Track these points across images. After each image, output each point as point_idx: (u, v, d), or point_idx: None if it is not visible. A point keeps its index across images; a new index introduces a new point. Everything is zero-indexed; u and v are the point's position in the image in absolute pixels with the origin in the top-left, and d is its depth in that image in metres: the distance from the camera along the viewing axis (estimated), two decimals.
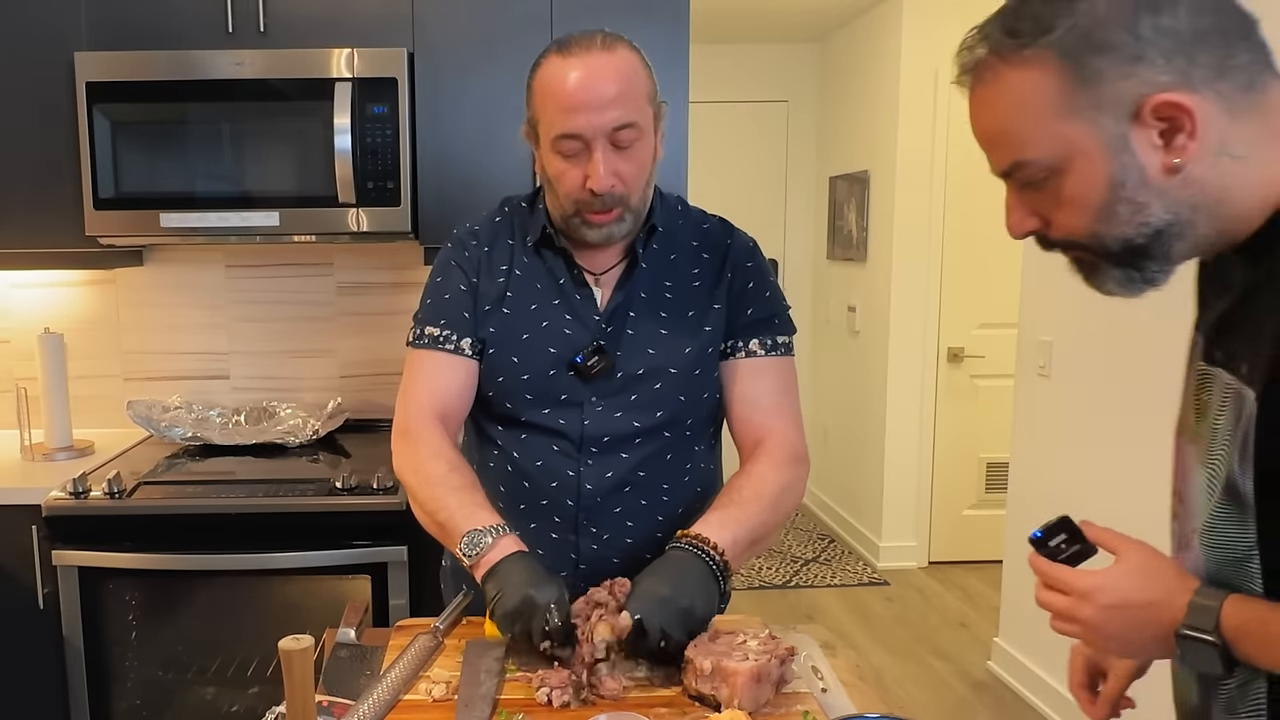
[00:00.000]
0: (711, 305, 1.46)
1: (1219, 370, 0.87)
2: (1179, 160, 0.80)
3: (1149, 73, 0.79)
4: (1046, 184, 0.86)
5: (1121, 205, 0.83)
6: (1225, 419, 0.85)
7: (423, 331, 1.46)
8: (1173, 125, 0.80)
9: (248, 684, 2.26)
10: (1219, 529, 0.87)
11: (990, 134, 0.88)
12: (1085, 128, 0.82)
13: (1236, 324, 0.86)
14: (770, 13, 4.71)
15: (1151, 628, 0.87)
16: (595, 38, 1.33)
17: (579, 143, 1.32)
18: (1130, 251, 0.85)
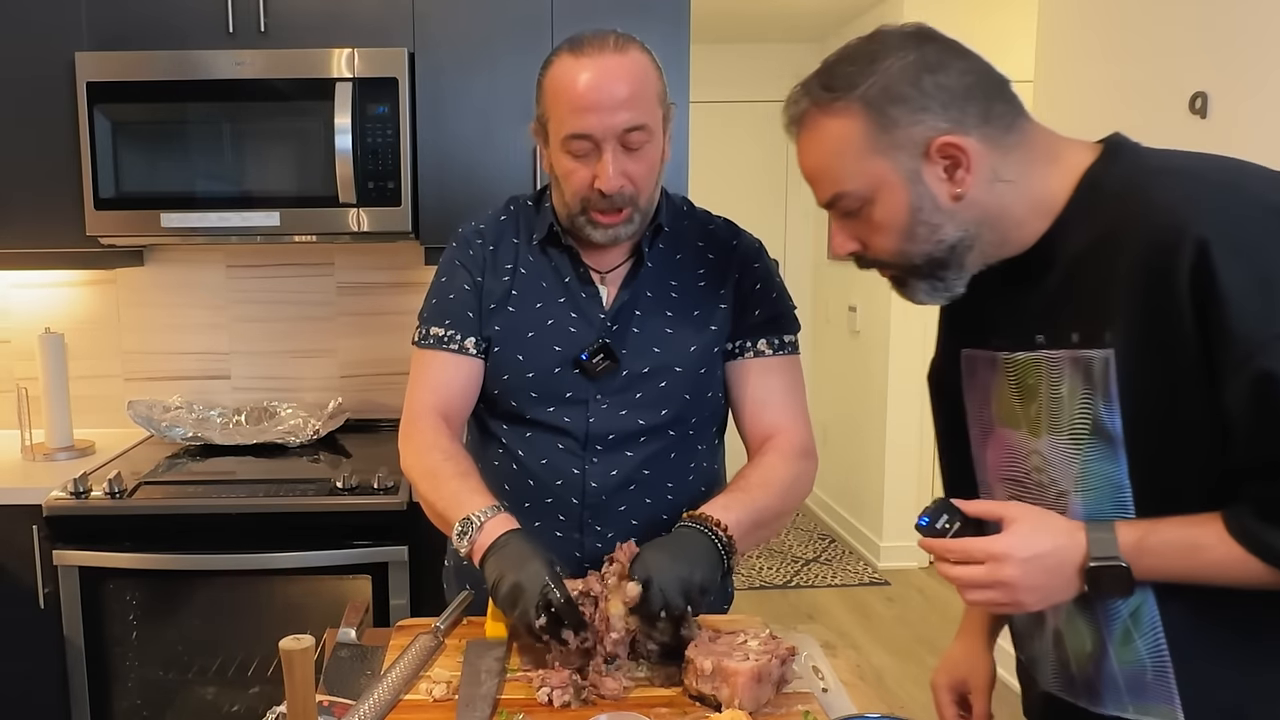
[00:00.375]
0: (718, 305, 1.47)
1: (1040, 353, 1.03)
2: (960, 190, 1.00)
3: (932, 120, 0.98)
4: (861, 212, 1.04)
5: (921, 227, 1.02)
6: (1066, 383, 1.00)
7: (427, 331, 1.46)
8: (954, 161, 0.99)
9: (248, 684, 2.26)
10: (1092, 472, 1.00)
11: (814, 172, 1.07)
12: (888, 164, 1.00)
13: (1058, 306, 1.01)
14: (770, 13, 4.70)
15: (1063, 570, 0.97)
16: (608, 38, 1.33)
17: (589, 143, 1.32)
18: (932, 264, 1.04)
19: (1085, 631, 1.05)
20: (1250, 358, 0.88)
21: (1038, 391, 1.04)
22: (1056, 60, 3.07)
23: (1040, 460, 1.06)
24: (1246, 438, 0.91)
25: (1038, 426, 1.05)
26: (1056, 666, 1.11)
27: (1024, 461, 1.08)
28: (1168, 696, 1.00)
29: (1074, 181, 1.02)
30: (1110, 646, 1.03)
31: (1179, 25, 2.47)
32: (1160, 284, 0.91)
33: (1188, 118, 2.40)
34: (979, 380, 1.14)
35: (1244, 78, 2.26)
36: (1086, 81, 2.89)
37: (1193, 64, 2.40)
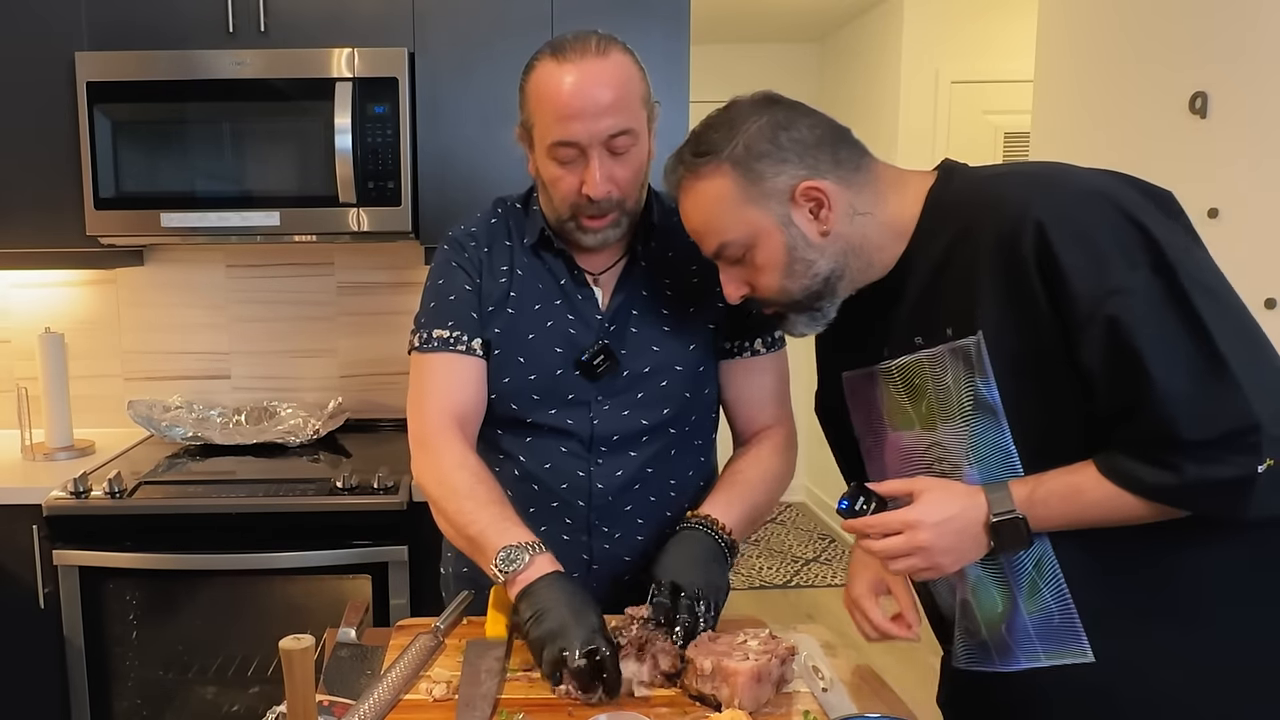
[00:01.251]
0: (714, 303, 1.46)
1: (920, 353, 1.15)
2: (826, 227, 1.14)
3: (792, 169, 1.13)
4: (745, 258, 1.17)
5: (798, 264, 1.15)
6: (950, 373, 1.12)
7: (430, 334, 1.43)
8: (817, 203, 1.13)
9: (248, 684, 2.26)
10: (982, 443, 1.12)
11: (698, 228, 1.20)
12: (760, 212, 1.14)
13: (929, 308, 1.14)
14: (770, 13, 4.70)
15: (970, 529, 1.08)
16: (590, 41, 1.32)
17: (575, 150, 1.32)
18: (810, 297, 1.17)
19: (995, 592, 1.15)
20: (1094, 313, 1.01)
21: (925, 389, 1.16)
22: (1056, 60, 3.07)
23: (940, 450, 1.17)
24: (1105, 384, 1.03)
25: (932, 420, 1.16)
26: (965, 639, 1.20)
27: (924, 456, 1.19)
28: (1075, 637, 1.11)
29: (919, 203, 1.16)
30: (1020, 599, 1.13)
31: (1179, 25, 2.47)
32: (1011, 265, 1.05)
33: (1188, 118, 2.41)
34: (862, 398, 1.26)
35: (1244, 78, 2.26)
36: (1086, 81, 2.89)
37: (1193, 64, 2.41)
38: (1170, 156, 2.45)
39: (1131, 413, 1.02)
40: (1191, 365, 0.99)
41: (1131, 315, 1.00)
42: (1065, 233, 1.03)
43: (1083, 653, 1.11)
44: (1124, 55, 2.70)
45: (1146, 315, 1.00)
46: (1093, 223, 1.03)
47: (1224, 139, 2.32)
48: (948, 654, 1.27)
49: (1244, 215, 2.21)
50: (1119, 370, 1.01)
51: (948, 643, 1.27)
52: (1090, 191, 1.06)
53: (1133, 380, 1.00)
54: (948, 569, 1.11)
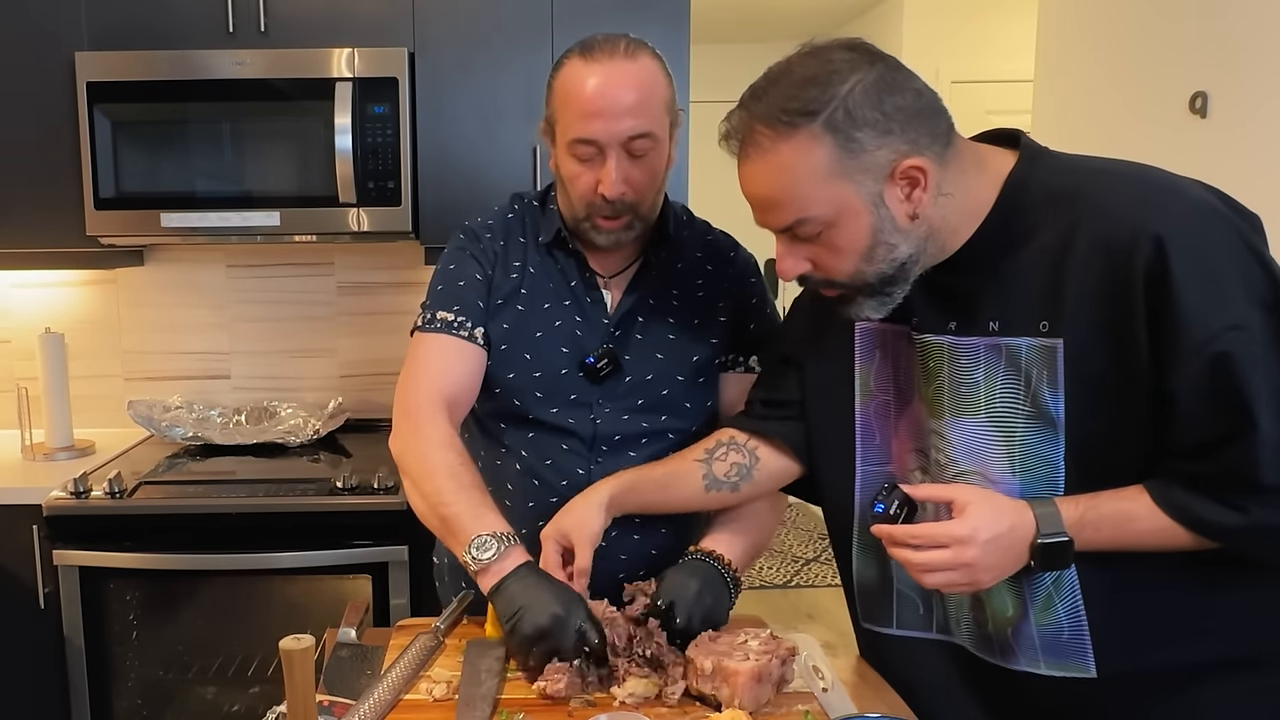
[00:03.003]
0: (718, 318, 1.48)
1: (949, 338, 1.09)
2: (917, 209, 1.03)
3: (895, 143, 1.00)
4: (820, 236, 1.05)
5: (880, 248, 1.04)
6: (983, 369, 1.07)
7: (434, 316, 1.43)
8: (912, 182, 1.02)
9: (248, 684, 2.27)
10: (1030, 454, 1.06)
11: (769, 197, 1.05)
12: (852, 189, 1.01)
13: (976, 296, 1.07)
14: (770, 13, 4.71)
15: (1015, 548, 1.03)
16: (619, 43, 1.32)
17: (594, 148, 1.32)
18: (883, 281, 1.07)
19: (1009, 599, 1.11)
20: (1204, 345, 0.94)
21: (939, 374, 1.11)
22: (1056, 60, 3.07)
23: (939, 440, 1.13)
24: (1195, 418, 0.97)
25: (937, 408, 1.12)
26: (973, 627, 1.17)
27: (925, 438, 1.15)
28: (1082, 653, 1.08)
29: (996, 186, 1.07)
30: (1031, 612, 1.10)
31: (1179, 25, 2.47)
32: (1115, 276, 0.98)
33: (1188, 118, 2.41)
34: (895, 353, 1.18)
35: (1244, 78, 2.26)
36: (1086, 81, 2.89)
37: (1193, 64, 2.41)
38: (1170, 156, 2.44)
39: (1212, 449, 0.98)
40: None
41: (1245, 354, 0.94)
42: (1187, 254, 0.95)
43: (1085, 668, 1.09)
44: (1124, 55, 2.70)
45: (1259, 356, 0.95)
46: (1215, 246, 0.97)
47: (1224, 139, 2.32)
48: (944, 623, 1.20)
49: None
50: (1217, 407, 0.96)
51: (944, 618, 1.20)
52: (1209, 211, 0.99)
53: (1229, 419, 0.96)
54: (984, 586, 1.05)
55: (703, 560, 1.32)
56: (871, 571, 1.25)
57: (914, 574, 1.05)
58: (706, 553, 1.33)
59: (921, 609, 1.22)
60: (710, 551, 1.33)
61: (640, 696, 1.17)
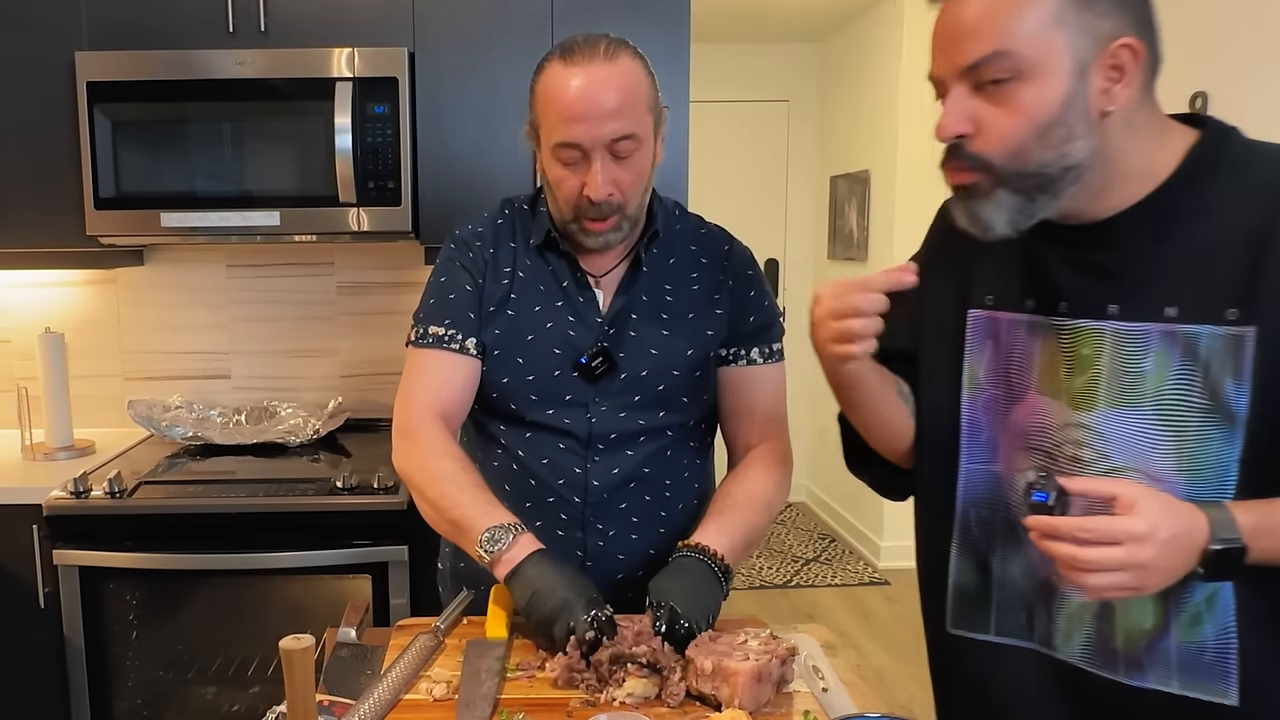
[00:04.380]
0: (713, 311, 1.48)
1: (1110, 323, 1.00)
2: (1110, 107, 0.94)
3: (1124, 18, 0.93)
4: (1002, 87, 0.95)
5: (1058, 130, 0.94)
6: (1154, 357, 0.98)
7: (426, 330, 1.45)
8: (1119, 74, 0.94)
9: (248, 683, 2.26)
10: (1202, 453, 0.97)
11: (978, 24, 0.94)
12: (1065, 43, 0.93)
13: (1149, 277, 0.98)
14: (770, 13, 4.70)
15: (1186, 552, 0.92)
16: (599, 45, 1.33)
17: (578, 151, 1.33)
18: (1041, 180, 0.96)
19: (1150, 610, 1.03)
20: None
21: (1094, 362, 1.01)
22: None
23: (1085, 434, 1.02)
24: None
25: (1090, 399, 1.02)
26: (1093, 639, 1.07)
27: (1057, 434, 1.05)
28: (1223, 677, 1.00)
29: (1179, 157, 0.99)
30: (1174, 627, 1.02)
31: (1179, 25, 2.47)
32: None
33: None
34: (1008, 344, 1.10)
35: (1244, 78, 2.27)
36: None
37: (1193, 64, 2.41)
38: None
39: None
40: None
41: None
42: None
43: (1225, 694, 1.00)
44: None
45: None
46: None
47: None
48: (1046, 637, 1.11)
49: None
50: None
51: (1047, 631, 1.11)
52: None
53: None
54: (1150, 591, 0.94)
55: (689, 556, 1.31)
56: (970, 575, 1.16)
57: (1074, 574, 0.93)
58: (693, 547, 1.32)
59: (1024, 617, 1.12)
60: (696, 545, 1.32)
61: (640, 696, 1.17)
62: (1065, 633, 1.09)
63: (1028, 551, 1.09)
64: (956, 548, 1.17)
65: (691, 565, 1.30)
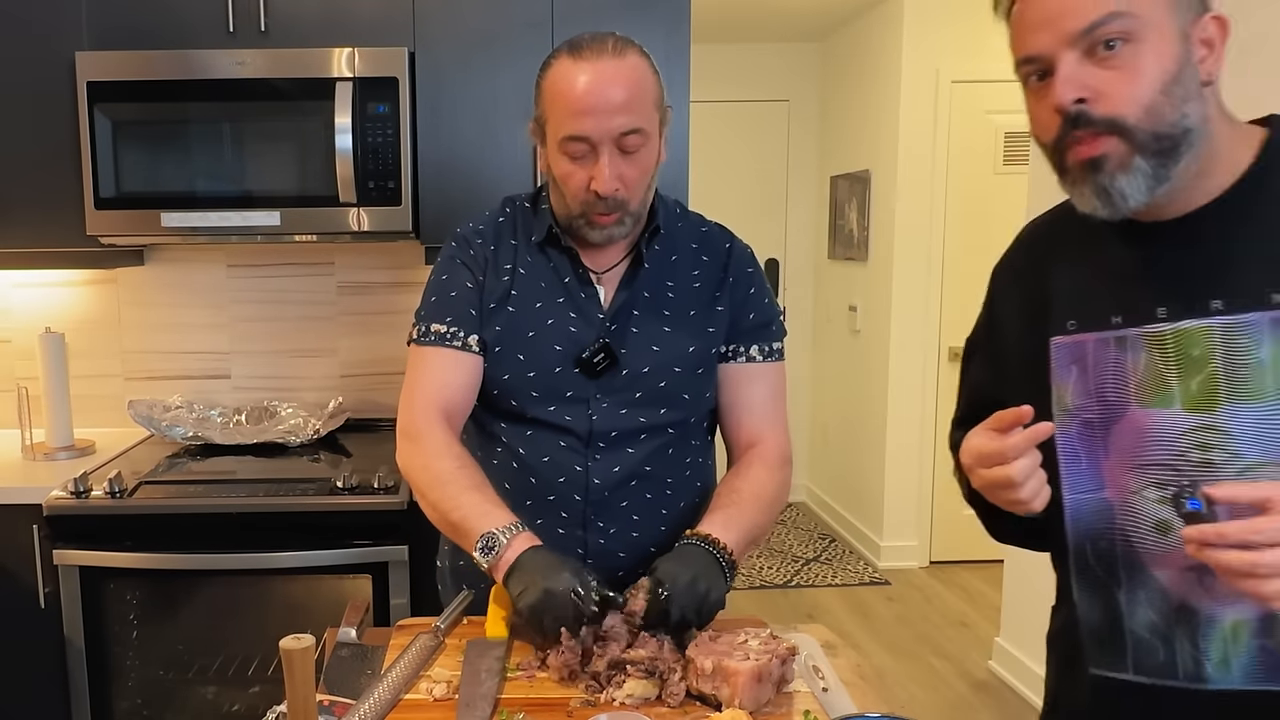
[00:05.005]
0: (714, 307, 1.48)
1: (1217, 319, 0.97)
2: (1208, 76, 0.96)
3: (1199, 6, 0.95)
4: (1116, 52, 0.94)
5: (1178, 87, 0.94)
6: (1266, 347, 0.95)
7: (428, 328, 1.46)
8: (1209, 47, 0.96)
9: (249, 683, 2.26)
10: None
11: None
12: (1171, 7, 0.94)
13: (1245, 266, 0.97)
14: (770, 13, 4.70)
15: None
16: (607, 41, 1.34)
17: (586, 145, 1.33)
18: (1170, 140, 0.95)
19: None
20: None
21: (1207, 362, 0.98)
22: None
23: (1212, 436, 0.99)
24: None
25: (1210, 400, 0.99)
26: (1258, 656, 1.01)
27: (1178, 441, 1.01)
28: None
29: (1255, 148, 1.00)
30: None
31: None
32: None
33: None
34: (1097, 365, 1.06)
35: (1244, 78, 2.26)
36: None
37: None
38: None
39: None
40: None
41: None
42: None
43: None
44: None
45: None
46: None
47: None
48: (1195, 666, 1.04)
49: None
50: None
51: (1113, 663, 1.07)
52: None
53: None
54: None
55: (697, 545, 1.32)
56: (1096, 612, 1.10)
57: (1247, 583, 0.88)
58: (702, 537, 1.33)
59: (1162, 654, 1.05)
60: (706, 536, 1.33)
61: (640, 697, 1.17)
62: (1220, 660, 1.02)
63: (1156, 579, 1.04)
64: (1077, 583, 1.11)
65: (698, 553, 1.30)
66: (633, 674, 1.18)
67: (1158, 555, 1.02)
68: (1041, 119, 1.00)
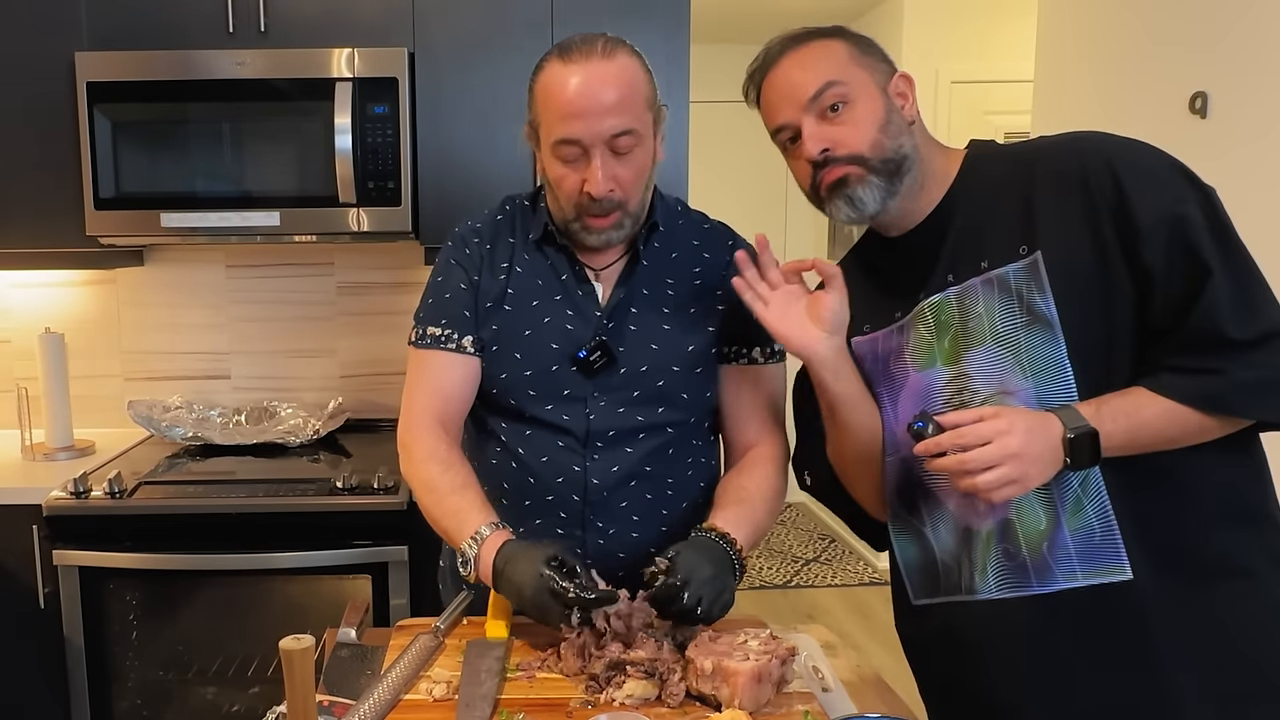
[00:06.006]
0: (715, 306, 1.47)
1: (951, 290, 1.24)
2: (910, 117, 1.27)
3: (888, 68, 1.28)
4: (840, 110, 1.23)
5: (891, 125, 1.24)
6: (984, 302, 1.20)
7: (424, 331, 1.46)
8: (903, 97, 1.27)
9: (248, 684, 2.26)
10: (1038, 357, 1.17)
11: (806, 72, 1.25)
12: (866, 74, 1.25)
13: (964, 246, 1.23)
14: (770, 13, 4.70)
15: (1050, 442, 1.10)
16: (596, 43, 1.34)
17: (578, 148, 1.33)
18: (896, 164, 1.24)
19: (1040, 510, 1.18)
20: (1161, 216, 1.11)
21: (950, 324, 1.24)
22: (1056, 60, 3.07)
23: (963, 380, 1.22)
24: (1164, 281, 1.11)
25: (956, 353, 1.23)
26: (1002, 560, 1.21)
27: (942, 390, 1.25)
28: (1115, 553, 1.14)
29: (957, 162, 1.29)
30: (1063, 517, 1.16)
31: (1179, 25, 2.47)
32: (1073, 190, 1.16)
33: (1188, 118, 2.41)
34: (882, 353, 1.33)
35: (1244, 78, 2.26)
36: (1086, 81, 2.89)
37: (1193, 64, 2.41)
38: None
39: (1185, 314, 1.10)
40: (1238, 270, 1.10)
41: (1195, 215, 1.11)
42: (1130, 165, 1.15)
43: (1121, 570, 1.14)
44: (1124, 55, 2.70)
45: (1204, 222, 1.11)
46: (1154, 160, 1.17)
47: (1224, 139, 2.31)
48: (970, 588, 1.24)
49: (1244, 215, 2.20)
50: (1179, 265, 1.10)
51: (969, 585, 1.24)
52: (1145, 145, 1.20)
53: (1190, 275, 1.09)
54: (1034, 482, 1.11)
55: (716, 540, 1.31)
56: (912, 550, 1.32)
57: (965, 480, 1.10)
58: (720, 534, 1.32)
59: (955, 574, 1.26)
60: (725, 534, 1.32)
61: (640, 697, 1.17)
62: (981, 569, 1.22)
63: (947, 509, 1.26)
64: (894, 533, 1.35)
65: (712, 546, 1.30)
66: (632, 674, 1.18)
67: (946, 489, 1.24)
68: (800, 172, 1.28)
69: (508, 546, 1.28)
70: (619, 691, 1.17)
